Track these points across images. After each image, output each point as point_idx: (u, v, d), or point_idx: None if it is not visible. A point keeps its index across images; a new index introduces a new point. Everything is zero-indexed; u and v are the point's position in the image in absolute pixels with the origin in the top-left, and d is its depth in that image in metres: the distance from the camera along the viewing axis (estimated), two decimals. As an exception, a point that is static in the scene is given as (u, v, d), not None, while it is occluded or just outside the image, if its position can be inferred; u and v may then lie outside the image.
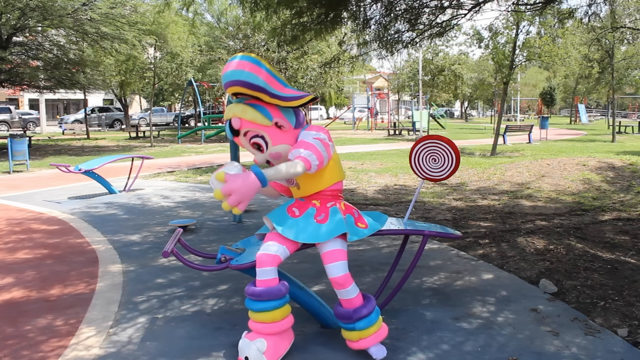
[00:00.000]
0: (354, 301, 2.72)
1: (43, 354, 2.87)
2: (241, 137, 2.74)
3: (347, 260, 2.71)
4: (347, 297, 2.71)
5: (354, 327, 2.72)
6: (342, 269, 2.68)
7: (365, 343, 2.73)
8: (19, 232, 5.88)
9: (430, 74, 34.25)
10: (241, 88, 2.61)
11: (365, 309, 2.73)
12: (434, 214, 6.43)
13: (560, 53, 14.67)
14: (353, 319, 2.70)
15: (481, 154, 14.50)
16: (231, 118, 2.70)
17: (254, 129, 2.69)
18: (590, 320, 3.22)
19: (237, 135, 2.74)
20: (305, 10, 5.84)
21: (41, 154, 15.95)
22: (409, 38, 6.83)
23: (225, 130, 2.75)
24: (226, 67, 2.65)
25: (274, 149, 2.73)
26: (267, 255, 2.64)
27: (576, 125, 34.83)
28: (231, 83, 2.62)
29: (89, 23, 15.71)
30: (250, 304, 2.67)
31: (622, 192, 7.81)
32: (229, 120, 2.71)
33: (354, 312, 2.70)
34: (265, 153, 2.75)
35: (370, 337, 2.73)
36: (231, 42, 22.92)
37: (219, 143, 19.79)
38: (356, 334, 2.72)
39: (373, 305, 2.78)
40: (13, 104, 32.92)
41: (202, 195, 8.25)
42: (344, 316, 2.73)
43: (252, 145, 2.75)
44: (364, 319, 2.72)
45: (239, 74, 2.58)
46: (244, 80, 2.58)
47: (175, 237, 2.99)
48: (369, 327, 2.73)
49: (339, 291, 2.72)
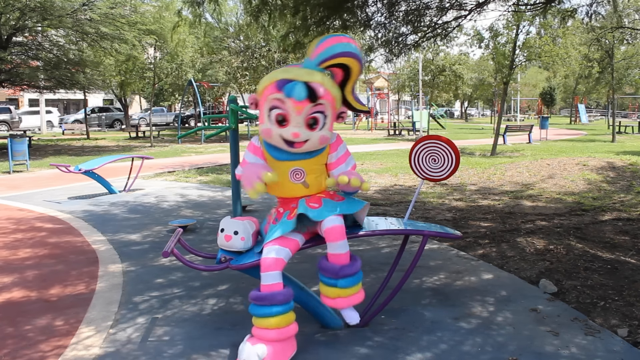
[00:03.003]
0: (343, 257, 2.71)
1: (43, 354, 2.87)
2: (307, 104, 2.63)
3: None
4: (339, 252, 2.69)
5: (335, 284, 2.72)
6: (341, 221, 2.70)
7: (341, 302, 2.75)
8: (19, 232, 5.87)
9: (430, 74, 34.26)
10: (352, 60, 2.70)
11: (352, 268, 2.73)
12: (434, 214, 6.43)
13: (560, 53, 14.67)
14: (338, 275, 2.70)
15: (481, 154, 14.50)
16: (316, 83, 2.62)
17: (329, 103, 2.70)
18: (590, 320, 3.22)
19: (308, 100, 2.62)
20: (309, 15, 5.85)
21: (41, 154, 15.95)
22: (413, 40, 6.84)
23: (297, 88, 2.58)
24: (334, 39, 2.72)
25: (325, 132, 2.75)
26: (271, 259, 2.63)
27: (576, 125, 34.83)
28: (345, 54, 2.68)
29: (88, 23, 15.71)
30: (253, 309, 2.66)
31: (622, 192, 7.81)
32: (309, 83, 2.60)
33: (340, 268, 2.70)
34: (317, 132, 2.71)
35: (347, 297, 2.74)
36: (232, 43, 22.92)
37: (219, 143, 19.78)
38: (335, 291, 2.73)
39: (359, 266, 2.79)
40: (13, 104, 32.90)
41: (202, 195, 8.25)
42: (329, 270, 2.72)
43: (310, 117, 2.67)
44: (348, 277, 2.72)
45: (354, 48, 2.70)
46: (357, 54, 2.71)
47: (175, 237, 2.99)
48: (350, 287, 2.74)
49: (332, 244, 2.69)
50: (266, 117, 2.73)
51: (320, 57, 2.73)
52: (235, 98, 5.46)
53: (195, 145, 19.06)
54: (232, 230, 2.98)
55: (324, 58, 2.72)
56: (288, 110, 2.65)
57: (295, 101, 2.60)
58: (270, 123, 2.71)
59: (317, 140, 2.75)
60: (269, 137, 2.76)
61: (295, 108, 2.63)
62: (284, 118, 2.67)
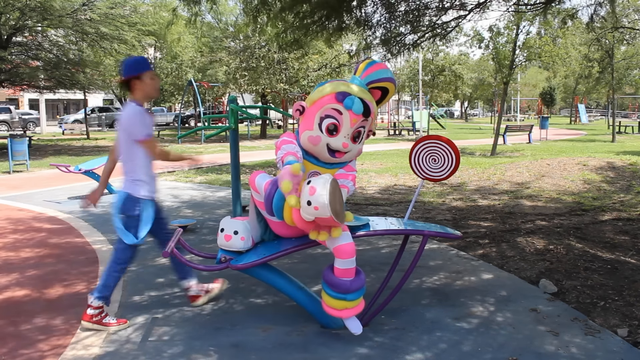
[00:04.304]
0: (350, 272, 2.77)
1: (42, 353, 2.87)
2: (361, 118, 2.87)
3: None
4: (347, 267, 2.75)
5: (345, 297, 2.78)
6: (351, 239, 2.78)
7: (347, 313, 2.82)
8: (19, 232, 5.88)
9: (430, 74, 34.24)
10: (392, 85, 3.03)
11: (360, 281, 2.82)
12: (434, 214, 6.43)
13: (560, 53, 14.67)
14: (350, 290, 2.76)
15: (481, 154, 14.50)
16: (369, 101, 2.90)
17: (371, 121, 2.97)
18: (590, 320, 3.22)
19: (362, 115, 2.86)
20: (308, 15, 5.84)
21: (41, 154, 15.95)
22: (412, 40, 6.84)
23: (357, 102, 2.83)
24: (378, 65, 3.05)
25: (362, 146, 3.03)
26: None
27: (576, 125, 34.83)
28: (387, 79, 3.02)
29: (88, 23, 15.70)
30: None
31: (622, 192, 7.81)
32: (364, 100, 2.86)
33: (351, 283, 2.76)
34: (356, 144, 2.95)
35: (353, 308, 2.83)
36: (232, 43, 22.91)
37: (219, 143, 19.79)
38: (343, 303, 2.79)
39: (364, 279, 2.87)
40: (13, 104, 32.90)
41: (202, 195, 8.25)
42: (340, 286, 2.77)
43: (357, 131, 2.91)
44: (357, 291, 2.80)
45: (393, 75, 3.07)
46: (394, 80, 3.06)
47: (175, 237, 2.99)
48: (356, 300, 2.82)
49: (342, 260, 2.74)
50: (316, 124, 2.86)
51: (369, 78, 3.01)
52: (236, 98, 5.46)
53: (195, 145, 19.06)
54: (232, 230, 2.98)
55: (372, 80, 3.00)
56: (342, 121, 2.84)
57: (354, 114, 2.82)
58: (321, 131, 2.85)
59: (355, 152, 2.98)
60: (315, 144, 2.87)
61: (352, 120, 2.84)
62: (336, 128, 2.84)
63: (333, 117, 2.83)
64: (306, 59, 20.77)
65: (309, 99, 2.97)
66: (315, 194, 2.47)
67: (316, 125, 2.86)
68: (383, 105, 17.94)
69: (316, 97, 2.90)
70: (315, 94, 2.94)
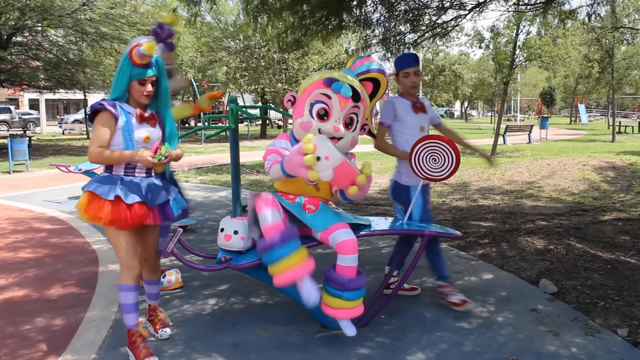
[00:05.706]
0: (352, 270, 2.75)
1: (42, 354, 2.87)
2: (351, 102, 2.88)
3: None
4: (349, 264, 2.73)
5: (341, 295, 2.76)
6: (353, 235, 2.79)
7: (343, 313, 2.79)
8: (19, 232, 5.87)
9: (430, 74, 34.23)
10: (382, 76, 3.13)
11: (359, 282, 2.79)
12: (434, 214, 6.42)
13: (560, 53, 14.66)
14: (346, 287, 2.74)
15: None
16: (358, 87, 2.94)
17: (363, 109, 3.00)
18: (590, 320, 3.22)
19: (352, 99, 2.88)
20: (308, 14, 5.84)
21: (41, 154, 15.95)
22: (411, 40, 6.83)
23: (345, 86, 2.86)
24: (365, 59, 3.17)
25: (356, 135, 3.03)
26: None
27: (576, 125, 34.84)
28: (376, 70, 3.12)
29: (88, 23, 15.69)
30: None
31: (623, 192, 7.81)
32: (353, 85, 2.90)
33: (349, 281, 2.74)
34: (351, 132, 2.95)
35: (350, 309, 2.80)
36: (232, 43, 22.90)
37: (219, 143, 19.79)
38: (339, 302, 2.77)
39: (364, 281, 2.84)
40: (13, 104, 32.88)
41: (203, 195, 8.25)
42: (337, 282, 2.76)
43: (348, 116, 2.92)
44: (355, 290, 2.77)
45: (383, 67, 3.16)
46: (385, 72, 3.15)
47: (175, 237, 2.99)
48: (353, 301, 2.79)
49: (344, 257, 2.73)
50: (307, 110, 2.89)
51: (357, 69, 3.12)
52: (236, 98, 5.46)
53: (196, 145, 19.06)
54: (232, 229, 2.98)
55: (361, 71, 3.11)
56: (332, 105, 2.86)
57: (342, 97, 2.85)
58: (311, 116, 2.87)
59: (349, 140, 2.96)
60: (306, 130, 2.86)
61: (341, 103, 2.86)
62: (326, 112, 2.86)
63: (323, 102, 2.86)
64: (306, 59, 20.76)
65: (300, 89, 3.02)
66: (318, 148, 2.52)
67: (307, 111, 2.89)
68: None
69: (306, 85, 2.97)
70: (304, 83, 3.01)
